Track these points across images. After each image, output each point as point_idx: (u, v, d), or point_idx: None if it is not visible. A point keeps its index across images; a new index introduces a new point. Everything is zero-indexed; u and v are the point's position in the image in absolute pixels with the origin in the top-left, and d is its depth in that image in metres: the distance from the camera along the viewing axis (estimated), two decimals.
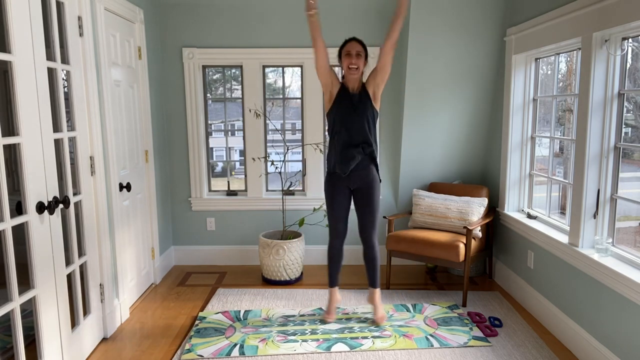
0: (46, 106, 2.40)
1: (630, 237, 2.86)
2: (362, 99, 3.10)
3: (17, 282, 2.19)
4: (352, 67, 3.04)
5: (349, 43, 3.10)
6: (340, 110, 3.12)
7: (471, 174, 4.42)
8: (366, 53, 3.13)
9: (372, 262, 3.28)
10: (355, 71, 3.05)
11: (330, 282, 3.37)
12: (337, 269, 3.35)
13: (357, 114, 3.10)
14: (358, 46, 3.07)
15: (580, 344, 2.87)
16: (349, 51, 3.06)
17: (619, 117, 2.75)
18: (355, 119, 3.10)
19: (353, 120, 3.11)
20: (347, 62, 3.05)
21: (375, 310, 3.29)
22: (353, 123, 3.11)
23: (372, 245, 3.25)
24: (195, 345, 2.99)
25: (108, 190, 3.18)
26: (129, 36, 3.61)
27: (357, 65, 3.04)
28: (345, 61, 3.07)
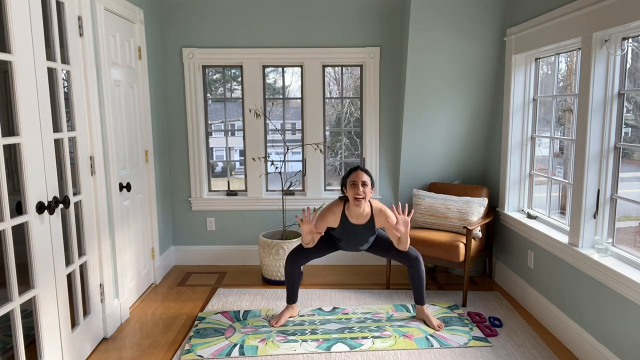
0: (46, 106, 2.40)
1: (630, 237, 2.86)
2: (365, 230, 3.19)
3: (17, 282, 2.19)
4: (359, 197, 3.04)
5: (354, 173, 3.10)
6: (340, 235, 3.24)
7: (471, 174, 4.42)
8: (372, 181, 3.13)
9: (420, 281, 3.29)
10: (362, 200, 3.06)
11: (289, 299, 3.39)
12: (296, 285, 3.37)
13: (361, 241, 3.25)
14: (364, 175, 3.07)
15: (580, 344, 2.87)
16: (354, 181, 3.06)
17: (619, 117, 2.75)
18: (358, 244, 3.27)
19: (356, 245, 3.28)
20: (352, 192, 3.06)
21: (431, 323, 3.25)
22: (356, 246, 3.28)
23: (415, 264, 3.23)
24: (195, 346, 2.99)
25: (108, 190, 3.18)
26: (129, 36, 3.61)
27: (364, 195, 3.05)
28: (350, 191, 3.08)
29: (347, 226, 3.17)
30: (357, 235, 3.20)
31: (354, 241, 3.24)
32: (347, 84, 4.78)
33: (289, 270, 3.32)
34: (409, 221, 3.06)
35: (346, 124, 4.72)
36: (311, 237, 3.16)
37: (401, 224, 3.05)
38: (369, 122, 4.41)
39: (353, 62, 4.39)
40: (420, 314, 3.33)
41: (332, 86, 4.86)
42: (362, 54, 4.31)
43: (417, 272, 3.25)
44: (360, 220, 3.16)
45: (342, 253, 4.50)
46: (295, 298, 3.39)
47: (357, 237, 3.21)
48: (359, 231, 3.18)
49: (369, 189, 3.07)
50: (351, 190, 3.07)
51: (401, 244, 3.14)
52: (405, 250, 3.19)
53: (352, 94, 4.70)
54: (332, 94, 4.74)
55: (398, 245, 3.16)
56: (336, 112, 4.75)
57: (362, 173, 3.08)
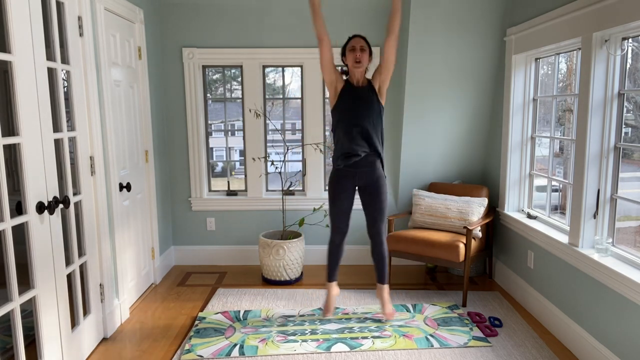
0: (46, 106, 2.40)
1: (630, 237, 2.86)
2: (368, 92, 3.14)
3: (17, 282, 2.19)
4: (357, 61, 3.08)
5: (353, 39, 3.15)
6: (346, 103, 3.14)
7: (471, 174, 4.42)
8: (370, 49, 3.16)
9: (381, 259, 3.29)
10: (360, 64, 3.09)
11: (329, 277, 3.38)
12: (336, 264, 3.36)
13: (363, 106, 3.12)
14: (362, 41, 3.13)
15: (580, 344, 2.87)
16: (353, 46, 3.11)
17: (619, 117, 2.75)
18: (361, 112, 3.11)
19: (359, 113, 3.11)
20: (352, 56, 3.10)
21: (384, 306, 3.29)
22: (359, 116, 3.11)
23: (381, 241, 3.27)
24: (195, 346, 2.99)
25: (108, 190, 3.18)
26: (129, 36, 3.61)
27: (362, 60, 3.09)
28: (349, 56, 3.12)
29: (350, 90, 3.14)
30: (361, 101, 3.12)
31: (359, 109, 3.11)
32: None
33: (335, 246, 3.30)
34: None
35: None
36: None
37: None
38: None
39: None
40: (379, 294, 3.32)
41: None
42: None
43: (376, 248, 3.27)
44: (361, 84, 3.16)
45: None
46: (336, 275, 3.39)
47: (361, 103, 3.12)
48: (362, 93, 3.13)
49: (366, 54, 3.10)
50: (350, 56, 3.10)
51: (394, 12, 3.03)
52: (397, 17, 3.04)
53: None
54: None
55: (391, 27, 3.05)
56: None
57: (360, 39, 3.12)
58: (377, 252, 3.29)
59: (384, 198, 3.22)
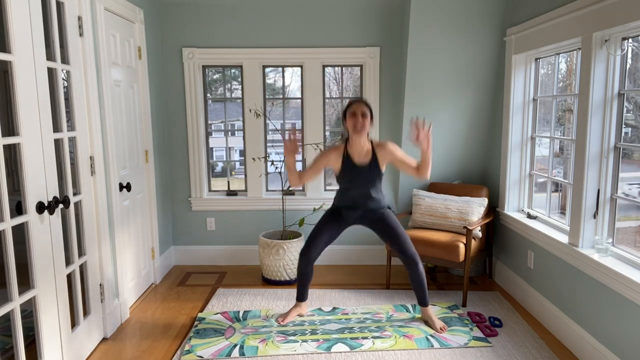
0: (46, 106, 2.40)
1: (630, 237, 2.86)
2: (369, 170, 3.12)
3: (17, 282, 2.19)
4: (358, 128, 3.02)
5: (354, 104, 3.07)
6: (347, 179, 3.18)
7: (471, 174, 4.42)
8: (372, 114, 3.08)
9: (420, 283, 3.24)
10: (361, 131, 3.03)
11: (299, 296, 3.40)
12: (307, 284, 3.37)
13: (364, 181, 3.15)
14: (363, 107, 3.04)
15: (580, 344, 2.87)
16: (354, 112, 3.03)
17: (619, 117, 2.75)
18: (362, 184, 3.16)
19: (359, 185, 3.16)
20: (352, 122, 3.03)
21: (433, 324, 3.22)
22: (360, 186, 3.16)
23: (416, 264, 3.19)
24: (195, 346, 2.99)
25: (108, 190, 3.18)
26: (129, 36, 3.61)
27: (363, 126, 3.02)
28: (350, 122, 3.04)
29: (351, 168, 3.10)
30: (361, 176, 3.11)
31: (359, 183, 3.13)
32: (347, 84, 4.78)
33: (302, 267, 3.31)
34: (430, 137, 2.90)
35: None
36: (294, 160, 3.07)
37: (423, 138, 2.89)
38: None
39: (353, 62, 4.39)
40: (424, 315, 3.31)
41: (332, 86, 4.86)
42: (362, 54, 4.31)
43: (414, 274, 3.21)
44: (362, 158, 3.09)
45: (342, 253, 4.50)
46: (306, 296, 3.40)
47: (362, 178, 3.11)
48: (364, 173, 3.10)
49: (368, 121, 3.04)
50: (351, 121, 3.03)
51: (422, 168, 3.00)
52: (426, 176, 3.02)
53: (352, 94, 4.70)
54: (332, 94, 4.73)
55: (418, 173, 3.02)
56: (336, 112, 4.75)
57: (362, 104, 3.06)
58: (414, 278, 3.22)
59: (396, 225, 3.21)
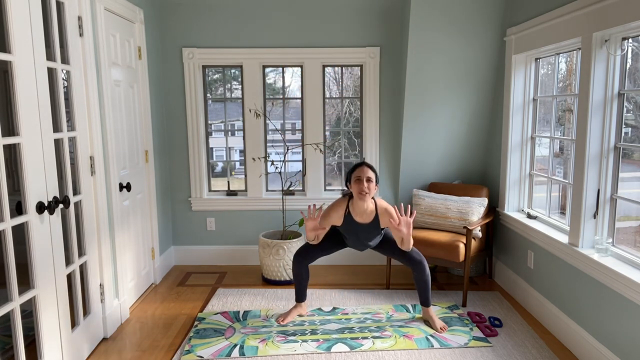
0: (46, 106, 2.40)
1: (630, 237, 2.86)
2: (370, 229, 3.18)
3: (17, 282, 2.19)
4: (363, 193, 3.04)
5: (359, 168, 3.09)
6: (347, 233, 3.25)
7: (471, 174, 4.42)
8: (377, 178, 3.12)
9: (425, 284, 3.27)
10: (366, 196, 3.06)
11: (298, 297, 3.43)
12: (304, 284, 3.41)
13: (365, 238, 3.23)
14: (368, 172, 3.07)
15: (580, 344, 2.87)
16: (359, 176, 3.06)
17: (619, 117, 2.75)
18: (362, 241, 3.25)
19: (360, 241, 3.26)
20: (357, 188, 3.06)
21: (434, 324, 3.24)
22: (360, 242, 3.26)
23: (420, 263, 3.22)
24: (195, 347, 2.99)
25: (108, 190, 3.18)
26: (129, 36, 3.61)
27: (368, 191, 3.05)
28: (355, 187, 3.07)
29: (352, 224, 3.17)
30: (362, 233, 3.19)
31: (359, 240, 3.23)
32: (347, 84, 4.78)
33: (297, 270, 3.35)
34: (410, 222, 3.04)
35: (346, 124, 4.72)
36: (315, 235, 3.16)
37: (403, 225, 3.03)
38: (369, 122, 4.41)
39: (353, 62, 4.39)
40: (425, 315, 3.33)
41: (332, 86, 4.86)
42: (362, 54, 4.31)
43: (421, 276, 3.25)
44: (364, 218, 3.15)
45: (343, 253, 4.50)
46: (304, 296, 3.42)
47: (362, 236, 3.20)
48: (364, 230, 3.17)
49: (373, 185, 3.07)
50: (356, 186, 3.07)
51: (404, 244, 3.13)
52: (409, 251, 3.19)
53: (352, 94, 4.70)
54: (332, 94, 4.73)
55: (401, 245, 3.15)
56: (336, 112, 4.75)
57: (367, 169, 3.08)
58: (420, 279, 3.26)
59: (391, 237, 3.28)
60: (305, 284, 3.39)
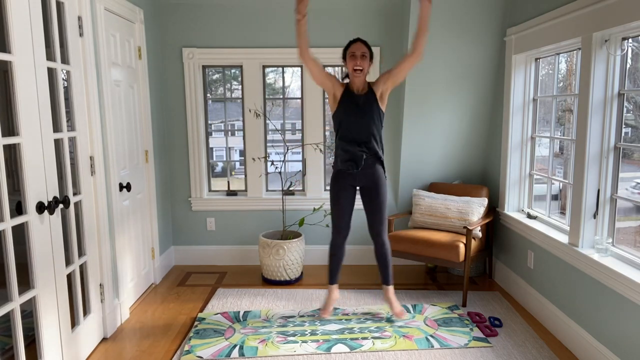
0: (46, 106, 2.40)
1: (630, 237, 2.86)
2: (368, 100, 3.12)
3: (17, 282, 2.19)
4: (357, 69, 3.05)
5: (354, 44, 3.09)
6: (346, 112, 3.14)
7: (471, 174, 4.42)
8: (371, 53, 3.13)
9: (384, 260, 3.29)
10: (360, 73, 3.06)
11: (330, 279, 3.40)
12: (338, 266, 3.38)
13: (363, 115, 3.12)
14: (363, 47, 3.07)
15: (580, 344, 2.87)
16: (353, 52, 3.06)
17: (619, 117, 2.75)
18: (361, 120, 3.12)
19: (358, 121, 3.13)
20: (352, 63, 3.06)
21: (392, 307, 3.29)
22: (358, 124, 3.13)
23: (383, 242, 3.27)
24: (194, 347, 2.99)
25: (108, 190, 3.18)
26: (129, 36, 3.61)
27: (362, 67, 3.05)
28: (350, 63, 3.07)
29: (350, 97, 3.11)
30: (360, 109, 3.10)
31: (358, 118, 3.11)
32: None
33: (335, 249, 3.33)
34: None
35: None
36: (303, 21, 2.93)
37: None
38: None
39: None
40: (385, 295, 3.34)
41: None
42: None
43: (379, 250, 3.27)
44: (362, 91, 3.12)
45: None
46: (338, 277, 3.41)
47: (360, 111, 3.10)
48: (362, 103, 3.10)
49: (367, 61, 3.05)
50: (350, 62, 3.05)
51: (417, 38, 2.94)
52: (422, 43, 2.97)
53: None
54: None
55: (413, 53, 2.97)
56: None
57: (361, 44, 3.07)
58: (379, 254, 3.29)
59: (383, 199, 3.23)
60: (341, 263, 3.37)
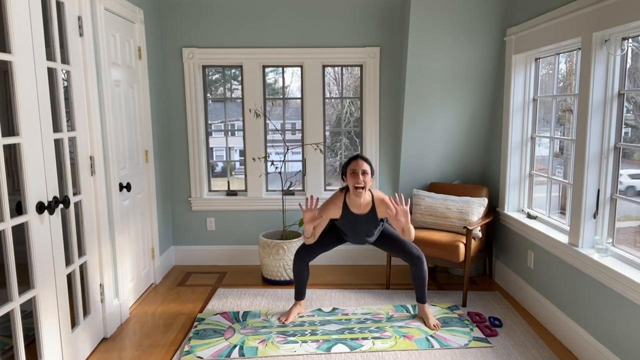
0: (46, 106, 2.40)
1: (630, 237, 2.86)
2: (368, 220, 3.18)
3: (17, 282, 2.19)
4: (359, 186, 3.05)
5: (354, 162, 3.09)
6: (345, 227, 3.26)
7: (471, 174, 4.42)
8: (372, 169, 3.12)
9: (421, 280, 3.30)
10: (361, 190, 3.06)
11: (296, 295, 3.44)
12: (301, 283, 3.40)
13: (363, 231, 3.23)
14: (364, 164, 3.07)
15: (580, 344, 2.87)
16: (354, 170, 3.06)
17: (619, 117, 2.75)
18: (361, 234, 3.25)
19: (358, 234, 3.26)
20: (352, 181, 3.07)
21: (428, 321, 3.26)
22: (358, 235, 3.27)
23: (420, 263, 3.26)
24: (194, 347, 2.99)
25: (108, 190, 3.18)
26: (129, 36, 3.61)
27: (364, 184, 3.06)
28: (350, 180, 3.08)
29: (350, 217, 3.16)
30: (360, 226, 3.18)
31: (358, 232, 3.22)
32: (347, 84, 4.79)
33: (297, 268, 3.35)
34: (407, 211, 3.01)
35: (346, 124, 4.72)
36: (312, 227, 3.13)
37: (401, 215, 3.01)
38: (369, 122, 4.41)
39: (353, 62, 4.39)
40: (420, 312, 3.34)
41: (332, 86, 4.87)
42: (362, 54, 4.31)
43: (418, 271, 3.27)
44: (362, 210, 3.14)
45: (343, 253, 4.50)
46: (304, 295, 3.42)
47: (361, 228, 3.20)
48: (362, 222, 3.17)
49: (369, 177, 3.07)
50: (351, 180, 3.07)
51: (405, 234, 3.11)
52: (411, 240, 3.16)
53: (352, 94, 4.70)
54: (332, 94, 4.74)
55: (403, 235, 3.13)
56: (336, 112, 4.75)
57: (362, 162, 3.08)
58: (418, 275, 3.29)
59: (395, 236, 3.30)
60: (305, 282, 3.39)
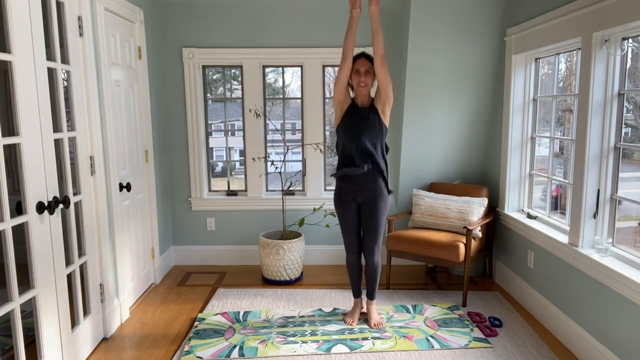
0: (46, 106, 2.40)
1: (630, 237, 2.86)
2: (370, 113, 3.15)
3: (17, 282, 2.19)
4: (362, 85, 3.09)
5: (358, 60, 3.12)
6: (349, 123, 3.16)
7: (471, 174, 4.42)
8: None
9: (372, 278, 3.30)
10: (364, 88, 3.11)
11: (353, 293, 3.43)
12: (357, 280, 3.39)
13: (365, 125, 3.13)
14: (367, 64, 3.10)
15: (580, 344, 2.87)
16: (358, 69, 3.10)
17: (619, 117, 2.75)
18: (363, 130, 3.13)
19: (361, 131, 3.13)
20: (356, 80, 3.11)
21: (370, 319, 3.30)
22: (360, 135, 3.13)
23: (374, 264, 3.26)
24: (194, 347, 2.99)
25: (108, 190, 3.18)
26: (129, 36, 3.61)
27: (366, 83, 3.10)
28: (354, 79, 3.12)
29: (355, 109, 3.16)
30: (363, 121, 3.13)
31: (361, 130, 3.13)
32: None
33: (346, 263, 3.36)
34: None
35: None
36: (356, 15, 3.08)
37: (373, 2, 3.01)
38: None
39: None
40: (367, 308, 3.35)
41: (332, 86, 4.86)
42: None
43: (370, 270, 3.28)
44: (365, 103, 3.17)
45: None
46: (358, 292, 3.41)
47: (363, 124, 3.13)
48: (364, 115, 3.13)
49: (371, 76, 3.10)
50: (355, 78, 3.11)
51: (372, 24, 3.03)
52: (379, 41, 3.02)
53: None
54: (332, 94, 4.73)
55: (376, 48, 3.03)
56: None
57: (366, 60, 3.11)
58: (369, 273, 3.30)
59: (379, 216, 3.20)
60: (354, 278, 3.37)
